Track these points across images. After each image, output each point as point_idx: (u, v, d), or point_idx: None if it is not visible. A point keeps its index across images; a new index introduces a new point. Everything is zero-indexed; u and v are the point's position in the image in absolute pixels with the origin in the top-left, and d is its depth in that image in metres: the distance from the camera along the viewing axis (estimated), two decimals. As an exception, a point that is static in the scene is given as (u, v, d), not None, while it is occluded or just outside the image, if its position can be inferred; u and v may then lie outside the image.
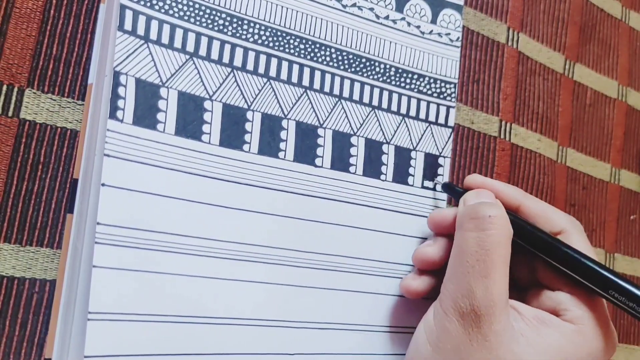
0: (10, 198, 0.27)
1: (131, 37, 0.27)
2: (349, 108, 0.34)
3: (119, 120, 0.27)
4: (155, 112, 0.28)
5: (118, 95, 0.27)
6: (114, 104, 0.27)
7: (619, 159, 0.49)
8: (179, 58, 0.29)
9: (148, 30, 0.28)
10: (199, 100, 0.29)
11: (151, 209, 0.27)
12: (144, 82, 0.28)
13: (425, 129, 0.36)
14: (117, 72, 0.27)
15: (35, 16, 0.28)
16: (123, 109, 0.27)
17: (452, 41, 0.38)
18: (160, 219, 0.27)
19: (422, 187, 0.36)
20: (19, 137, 0.27)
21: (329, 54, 0.33)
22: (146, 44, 0.28)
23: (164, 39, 0.28)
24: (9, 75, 0.27)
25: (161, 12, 0.28)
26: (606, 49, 0.49)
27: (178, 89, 0.29)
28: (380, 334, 0.33)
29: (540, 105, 0.44)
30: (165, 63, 0.28)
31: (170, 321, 0.27)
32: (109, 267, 0.26)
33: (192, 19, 0.29)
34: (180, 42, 0.29)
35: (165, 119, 0.28)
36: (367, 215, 0.33)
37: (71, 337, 0.26)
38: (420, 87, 0.36)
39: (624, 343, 0.47)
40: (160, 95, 0.28)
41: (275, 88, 0.31)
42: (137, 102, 0.27)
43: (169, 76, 0.28)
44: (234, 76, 0.30)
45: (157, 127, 0.28)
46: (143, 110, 0.27)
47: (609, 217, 0.47)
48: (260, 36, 0.31)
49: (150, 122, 0.28)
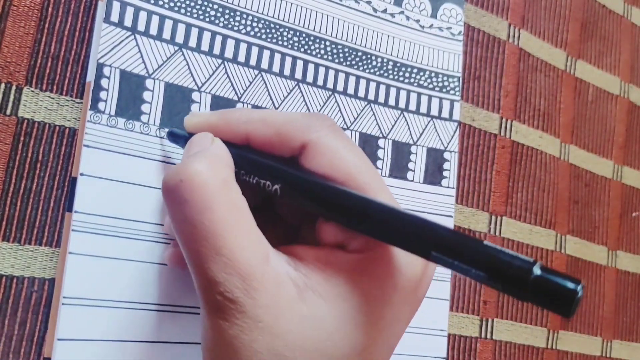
0: (8, 196, 0.27)
1: (117, 28, 0.28)
2: (342, 102, 0.33)
3: (100, 111, 0.27)
4: (140, 103, 0.28)
5: (100, 86, 0.27)
6: (96, 95, 0.27)
7: (621, 155, 0.48)
8: (167, 49, 0.29)
9: (136, 21, 0.28)
10: (187, 91, 0.29)
11: (129, 199, 0.27)
12: (129, 73, 0.28)
13: (427, 124, 0.36)
14: (100, 64, 0.27)
15: (33, 14, 0.28)
16: (105, 101, 0.27)
17: (453, 35, 0.37)
18: (137, 208, 0.27)
19: (422, 183, 0.35)
20: (17, 136, 0.27)
21: (323, 46, 0.33)
22: (133, 36, 0.28)
23: (152, 30, 0.28)
24: (7, 74, 0.27)
25: (150, 2, 0.28)
26: (608, 45, 0.48)
27: (165, 80, 0.29)
28: None
29: (542, 102, 0.43)
30: (153, 54, 0.28)
31: (144, 309, 0.27)
32: (84, 254, 0.26)
33: (182, 9, 0.29)
34: (169, 33, 0.29)
35: (150, 110, 0.28)
36: None
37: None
38: (420, 81, 0.36)
39: (626, 340, 0.47)
40: (145, 87, 0.28)
41: (266, 80, 0.31)
42: (121, 94, 0.27)
43: (155, 67, 0.28)
44: (225, 68, 0.30)
45: (141, 119, 0.28)
46: (127, 102, 0.28)
47: (612, 214, 0.47)
48: (252, 28, 0.31)
49: (134, 113, 0.28)
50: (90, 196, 0.26)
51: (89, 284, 0.26)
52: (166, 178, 0.23)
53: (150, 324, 0.27)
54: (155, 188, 0.28)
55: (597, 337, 0.45)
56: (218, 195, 0.22)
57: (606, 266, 0.46)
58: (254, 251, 0.22)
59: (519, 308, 0.40)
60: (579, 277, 0.44)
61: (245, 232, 0.22)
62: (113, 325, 0.27)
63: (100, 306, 0.26)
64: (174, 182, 0.22)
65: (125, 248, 0.27)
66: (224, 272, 0.21)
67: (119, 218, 0.27)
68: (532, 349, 0.41)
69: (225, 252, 0.21)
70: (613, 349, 0.46)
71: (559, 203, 0.43)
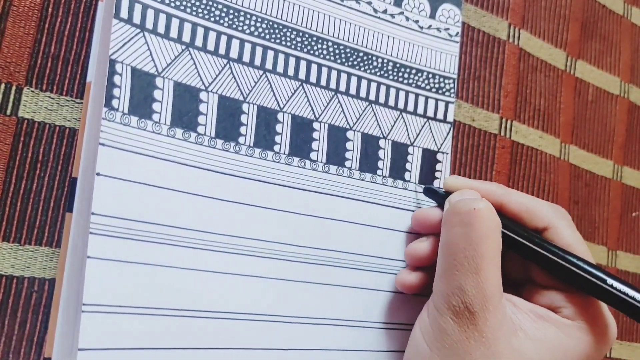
0: (9, 197, 0.27)
1: (127, 25, 0.27)
2: (345, 102, 0.33)
3: (114, 109, 0.26)
4: (151, 101, 0.28)
5: (114, 83, 0.27)
6: (110, 92, 0.26)
7: (621, 155, 0.48)
8: (175, 48, 0.29)
9: (144, 19, 0.28)
10: (194, 91, 0.29)
11: (146, 200, 0.27)
12: (140, 71, 0.27)
13: (424, 125, 0.36)
14: (112, 60, 0.27)
15: (33, 14, 0.28)
16: (119, 98, 0.27)
17: (451, 36, 0.37)
18: (154, 211, 0.27)
19: (417, 184, 0.35)
20: (17, 136, 0.27)
21: (326, 47, 0.33)
22: (142, 33, 0.28)
23: (160, 28, 0.28)
24: (7, 74, 0.27)
25: (157, 1, 0.28)
26: (608, 46, 0.48)
27: (174, 79, 0.28)
28: (375, 330, 0.33)
29: (542, 102, 0.43)
30: (162, 53, 0.28)
31: (164, 314, 0.27)
32: (103, 258, 0.26)
33: (188, 9, 0.29)
34: (176, 32, 0.29)
35: (161, 109, 0.28)
36: (363, 210, 0.33)
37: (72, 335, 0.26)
38: (418, 82, 0.36)
39: (627, 340, 0.47)
40: (156, 85, 0.28)
41: (271, 80, 0.31)
42: (133, 91, 0.27)
43: (164, 66, 0.28)
44: (230, 68, 0.30)
45: (152, 117, 0.28)
46: (138, 100, 0.27)
47: (612, 214, 0.47)
48: (256, 28, 0.31)
49: (145, 111, 0.27)
50: (108, 197, 0.26)
51: (109, 290, 0.25)
52: (460, 204, 0.29)
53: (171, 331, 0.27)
54: (169, 189, 0.27)
55: (597, 337, 0.45)
56: (493, 232, 0.28)
57: (606, 266, 0.46)
58: (497, 284, 0.28)
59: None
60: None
61: (497, 268, 0.28)
62: (135, 333, 0.26)
63: (121, 312, 0.26)
64: (467, 208, 0.29)
65: (145, 252, 0.27)
66: (475, 288, 0.27)
67: (138, 221, 0.26)
68: (532, 349, 0.41)
69: (481, 274, 0.27)
70: (613, 349, 0.46)
71: (559, 203, 0.43)
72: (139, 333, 0.26)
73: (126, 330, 0.26)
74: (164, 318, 0.27)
